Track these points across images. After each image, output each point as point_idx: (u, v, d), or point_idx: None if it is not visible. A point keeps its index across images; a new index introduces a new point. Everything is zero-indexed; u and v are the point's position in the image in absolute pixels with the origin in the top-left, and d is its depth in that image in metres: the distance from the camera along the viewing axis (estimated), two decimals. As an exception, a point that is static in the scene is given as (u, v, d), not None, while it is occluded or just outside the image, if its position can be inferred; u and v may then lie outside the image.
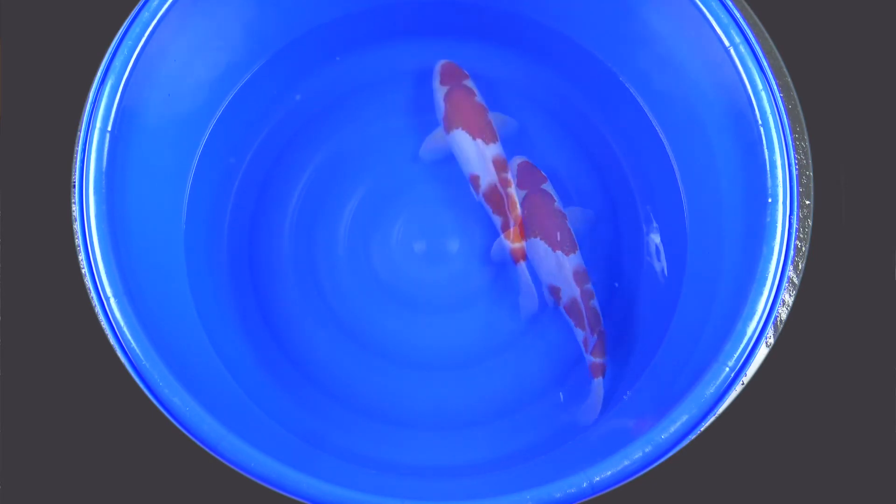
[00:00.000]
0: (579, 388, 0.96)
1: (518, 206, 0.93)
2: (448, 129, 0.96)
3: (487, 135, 0.95)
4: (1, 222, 0.96)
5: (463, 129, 0.95)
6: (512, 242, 0.93)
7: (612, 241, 0.99)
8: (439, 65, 0.98)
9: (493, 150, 0.95)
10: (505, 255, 0.94)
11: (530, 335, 0.98)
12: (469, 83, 0.97)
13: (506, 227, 0.94)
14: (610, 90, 0.98)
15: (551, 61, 1.00)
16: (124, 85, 0.83)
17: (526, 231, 0.94)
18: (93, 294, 0.80)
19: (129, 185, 0.85)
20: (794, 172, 0.82)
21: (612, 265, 0.98)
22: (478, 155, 0.95)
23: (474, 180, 0.95)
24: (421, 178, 1.01)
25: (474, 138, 0.95)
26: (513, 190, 0.94)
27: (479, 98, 0.97)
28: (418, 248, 0.99)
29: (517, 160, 0.97)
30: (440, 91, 0.97)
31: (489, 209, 0.95)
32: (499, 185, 0.93)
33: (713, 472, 0.93)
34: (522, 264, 0.93)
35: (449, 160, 1.00)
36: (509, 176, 0.94)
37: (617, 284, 0.98)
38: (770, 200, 0.81)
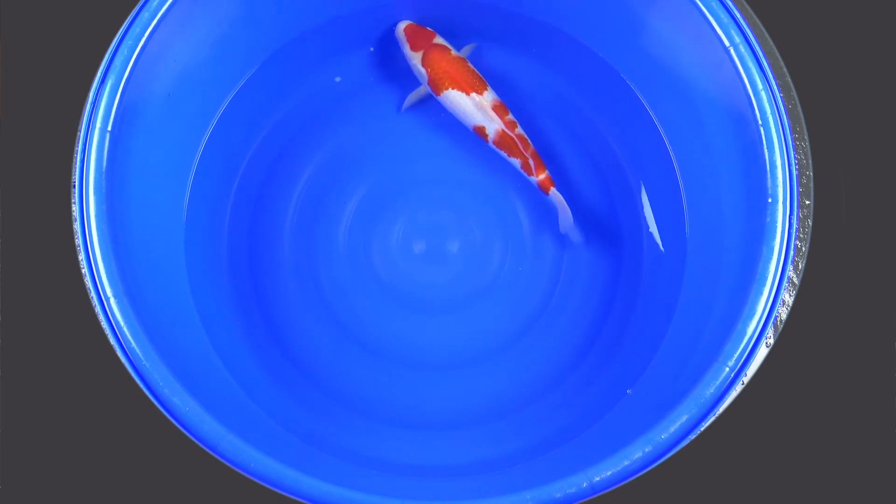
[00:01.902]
0: (579, 387, 0.96)
1: (530, 143, 0.95)
2: (438, 92, 0.97)
3: (478, 85, 0.96)
4: (1, 222, 0.96)
5: (454, 88, 0.96)
6: (537, 176, 0.95)
7: (612, 241, 0.99)
8: (402, 30, 0.98)
9: (489, 97, 0.96)
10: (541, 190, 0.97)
11: (530, 335, 0.98)
12: (439, 40, 0.98)
13: (526, 166, 0.95)
14: (611, 89, 0.98)
15: (553, 60, 1.00)
16: (124, 85, 0.83)
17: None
18: (93, 294, 0.80)
19: (129, 185, 0.85)
20: (794, 172, 0.82)
21: (613, 264, 0.99)
22: (477, 108, 0.96)
23: (480, 131, 0.97)
24: (421, 178, 1.01)
25: (468, 93, 0.96)
26: (521, 130, 0.96)
27: (454, 52, 0.97)
28: (418, 248, 0.99)
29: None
30: (415, 57, 0.97)
31: (504, 154, 0.97)
32: (506, 130, 0.95)
33: (713, 472, 0.93)
34: (553, 190, 0.95)
35: (445, 155, 1.00)
36: (513, 117, 0.96)
37: (617, 284, 0.98)
38: (770, 200, 0.81)
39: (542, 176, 0.96)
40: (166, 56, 0.87)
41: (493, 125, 0.96)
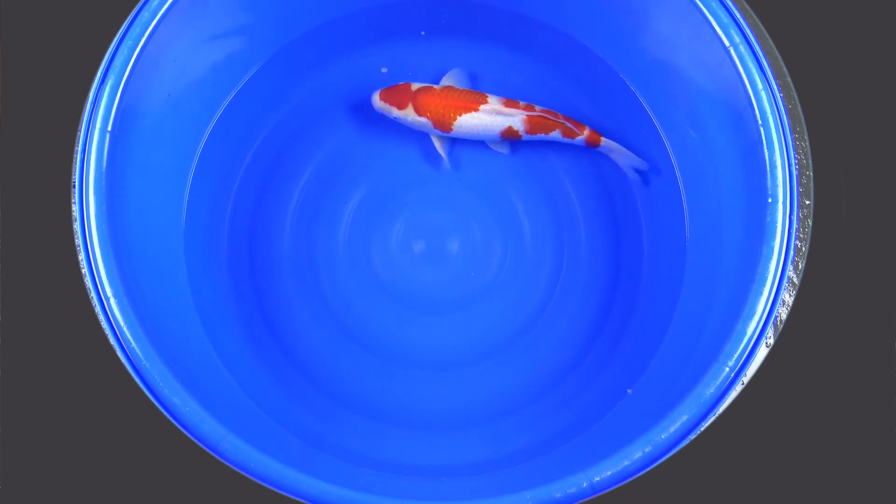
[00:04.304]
0: (579, 386, 0.96)
1: (557, 112, 0.96)
2: (449, 128, 0.97)
3: (480, 97, 0.97)
4: (1, 222, 0.96)
5: (461, 114, 0.96)
6: (582, 134, 0.97)
7: (612, 241, 0.99)
8: (379, 99, 0.97)
9: (494, 101, 0.97)
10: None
11: (530, 335, 0.98)
12: (415, 85, 0.97)
13: (567, 131, 0.96)
14: (611, 89, 0.98)
15: (552, 60, 1.00)
16: (124, 85, 0.83)
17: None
18: (93, 294, 0.80)
19: (129, 185, 0.85)
20: (794, 172, 0.82)
21: (612, 265, 0.99)
22: (494, 114, 0.96)
23: (509, 133, 0.97)
24: (421, 178, 1.01)
25: (477, 110, 0.96)
26: (540, 106, 0.97)
27: (437, 87, 0.97)
28: (418, 248, 0.99)
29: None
30: (408, 113, 0.97)
31: (541, 136, 0.97)
32: (530, 114, 0.96)
33: (713, 472, 0.93)
34: (605, 141, 0.97)
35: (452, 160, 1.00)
36: (524, 102, 0.97)
37: (617, 284, 0.98)
38: (770, 200, 0.81)
39: (586, 132, 0.96)
40: (166, 56, 0.87)
41: (517, 118, 0.96)
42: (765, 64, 0.83)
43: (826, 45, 0.99)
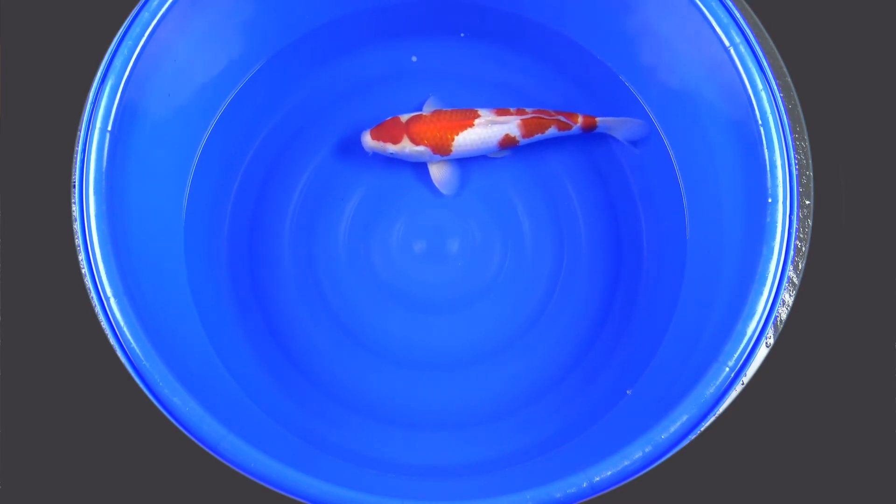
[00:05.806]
0: (579, 386, 0.96)
1: (549, 110, 0.97)
2: (449, 150, 0.97)
3: (471, 113, 0.97)
4: (1, 222, 0.96)
5: (458, 134, 0.96)
6: (577, 123, 0.97)
7: (612, 241, 0.99)
8: (370, 139, 0.97)
9: (486, 114, 0.97)
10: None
11: (530, 335, 0.98)
12: (404, 117, 0.97)
13: (562, 125, 0.97)
14: (610, 90, 0.98)
15: (551, 61, 1.00)
16: (124, 85, 0.83)
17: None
18: (93, 294, 0.80)
19: (129, 185, 0.85)
20: (794, 172, 0.82)
21: (613, 265, 0.99)
22: (487, 128, 0.96)
23: (507, 141, 0.97)
24: (421, 178, 1.01)
25: (472, 125, 0.96)
26: (532, 109, 0.97)
27: (425, 112, 0.97)
28: (418, 248, 0.99)
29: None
30: (405, 146, 0.97)
31: (539, 136, 0.97)
32: (524, 118, 0.96)
33: (713, 472, 0.93)
34: (601, 120, 0.97)
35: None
36: (514, 108, 0.97)
37: (617, 284, 0.98)
38: (770, 200, 0.82)
39: (580, 120, 0.97)
40: (166, 56, 0.87)
41: (511, 124, 0.96)
42: (765, 64, 0.83)
43: (826, 45, 0.99)
